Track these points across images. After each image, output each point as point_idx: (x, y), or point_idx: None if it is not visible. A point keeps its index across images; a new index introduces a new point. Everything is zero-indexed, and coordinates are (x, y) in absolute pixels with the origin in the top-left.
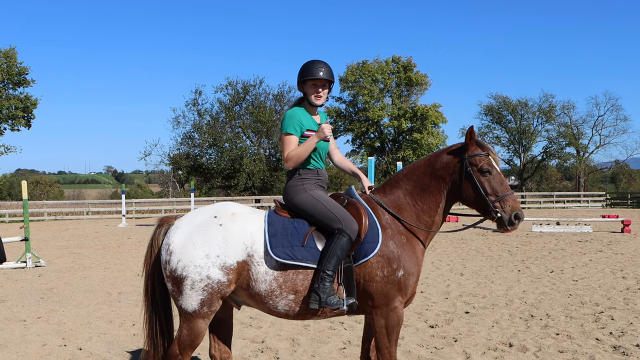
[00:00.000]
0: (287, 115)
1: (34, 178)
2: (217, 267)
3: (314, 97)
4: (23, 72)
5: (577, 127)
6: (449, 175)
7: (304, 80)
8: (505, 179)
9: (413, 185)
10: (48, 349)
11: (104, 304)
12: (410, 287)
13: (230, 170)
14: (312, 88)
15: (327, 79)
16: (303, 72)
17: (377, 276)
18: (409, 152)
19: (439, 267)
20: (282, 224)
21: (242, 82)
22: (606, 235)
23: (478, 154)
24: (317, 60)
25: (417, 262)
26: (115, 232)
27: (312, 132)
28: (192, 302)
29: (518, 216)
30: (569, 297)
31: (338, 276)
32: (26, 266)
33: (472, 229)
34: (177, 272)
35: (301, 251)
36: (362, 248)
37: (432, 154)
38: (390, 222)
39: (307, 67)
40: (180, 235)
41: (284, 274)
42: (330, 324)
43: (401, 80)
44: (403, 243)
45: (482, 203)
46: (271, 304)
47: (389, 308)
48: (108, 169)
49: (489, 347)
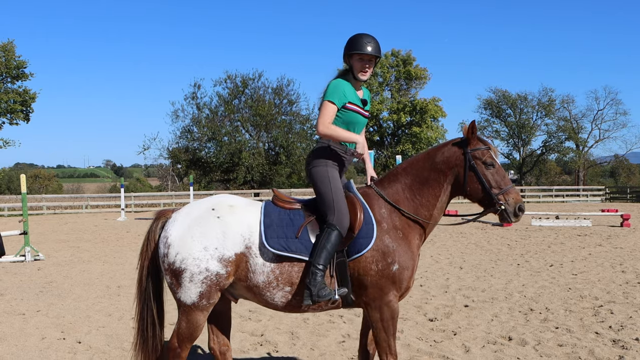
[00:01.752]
0: (333, 84)
1: (33, 172)
2: (215, 260)
3: (360, 73)
4: (21, 66)
5: (577, 121)
6: (450, 169)
7: (351, 54)
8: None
9: (412, 179)
10: (47, 342)
11: (103, 298)
12: (404, 281)
13: (229, 164)
14: (359, 62)
15: (374, 54)
16: (351, 45)
17: (371, 270)
18: (408, 146)
19: (438, 261)
20: (278, 214)
21: (241, 75)
22: (605, 230)
23: (480, 147)
24: (365, 34)
25: (412, 256)
26: (114, 226)
27: (353, 105)
28: (191, 295)
29: (521, 208)
30: (568, 291)
31: (330, 269)
32: (25, 260)
33: (472, 223)
34: (176, 264)
35: (295, 243)
36: (355, 243)
37: (431, 149)
38: (387, 216)
39: (355, 40)
40: (179, 228)
41: (280, 265)
42: (330, 317)
43: (400, 74)
44: (399, 237)
45: (486, 196)
46: (268, 295)
47: (383, 302)
48: (107, 163)
49: (488, 341)
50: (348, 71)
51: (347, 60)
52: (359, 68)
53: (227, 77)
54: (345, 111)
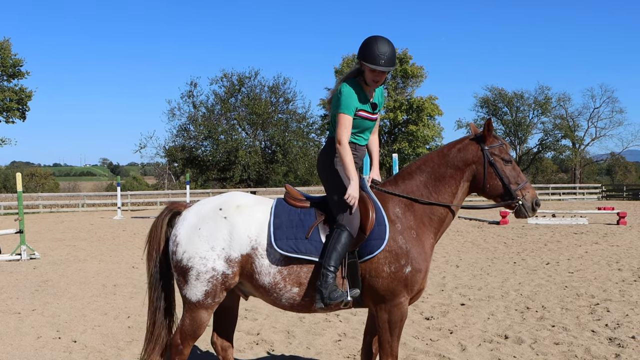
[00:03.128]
0: (345, 93)
1: (29, 170)
2: (222, 260)
3: (372, 82)
4: (18, 64)
5: (573, 119)
6: (468, 166)
7: (362, 62)
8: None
9: (427, 176)
10: (42, 341)
11: (98, 297)
12: (417, 283)
13: (225, 162)
14: (371, 73)
15: (387, 70)
16: (364, 53)
17: (383, 272)
18: (404, 144)
19: (434, 259)
20: (288, 215)
21: (238, 74)
22: (602, 227)
23: (498, 144)
24: (380, 42)
25: (426, 257)
26: (111, 225)
27: (363, 112)
28: (197, 293)
29: (538, 203)
30: (564, 289)
31: (342, 271)
32: (21, 258)
33: (468, 221)
34: (183, 262)
35: (305, 244)
36: (367, 245)
37: (444, 146)
38: (401, 216)
39: (370, 49)
40: (187, 226)
41: (288, 266)
42: (326, 316)
43: (397, 72)
44: (412, 238)
45: (505, 191)
46: (275, 296)
47: (393, 304)
48: (103, 161)
49: (484, 339)
50: (361, 72)
51: (360, 63)
52: (371, 78)
53: (223, 75)
54: (355, 117)
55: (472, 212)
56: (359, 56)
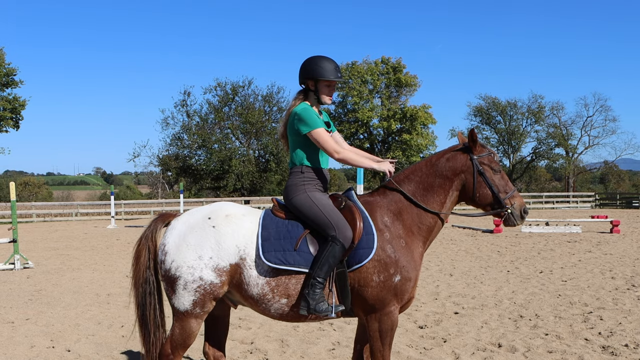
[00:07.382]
0: (306, 111)
1: (23, 179)
2: (209, 269)
3: (327, 98)
4: (11, 73)
5: (566, 128)
6: (456, 176)
7: (318, 79)
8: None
9: (415, 186)
10: (36, 350)
11: (92, 306)
12: (407, 292)
13: (219, 171)
14: (327, 88)
15: (342, 80)
16: (316, 71)
17: (372, 281)
18: (398, 153)
19: (428, 268)
20: (276, 226)
21: (231, 83)
22: (595, 236)
23: (486, 153)
24: (324, 58)
25: (416, 266)
26: (104, 234)
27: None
28: (185, 302)
29: (526, 211)
30: (558, 297)
31: (329, 282)
32: (14, 268)
33: (462, 230)
34: (171, 272)
35: (293, 255)
36: (355, 254)
37: (432, 156)
38: (390, 225)
39: (322, 66)
40: (175, 235)
41: (277, 278)
42: (320, 325)
43: (390, 81)
44: (401, 247)
45: (495, 200)
46: (264, 307)
47: (384, 312)
48: (97, 170)
49: (478, 348)
50: (307, 93)
51: (308, 83)
52: (327, 93)
53: (217, 84)
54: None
55: (465, 221)
56: (308, 76)
